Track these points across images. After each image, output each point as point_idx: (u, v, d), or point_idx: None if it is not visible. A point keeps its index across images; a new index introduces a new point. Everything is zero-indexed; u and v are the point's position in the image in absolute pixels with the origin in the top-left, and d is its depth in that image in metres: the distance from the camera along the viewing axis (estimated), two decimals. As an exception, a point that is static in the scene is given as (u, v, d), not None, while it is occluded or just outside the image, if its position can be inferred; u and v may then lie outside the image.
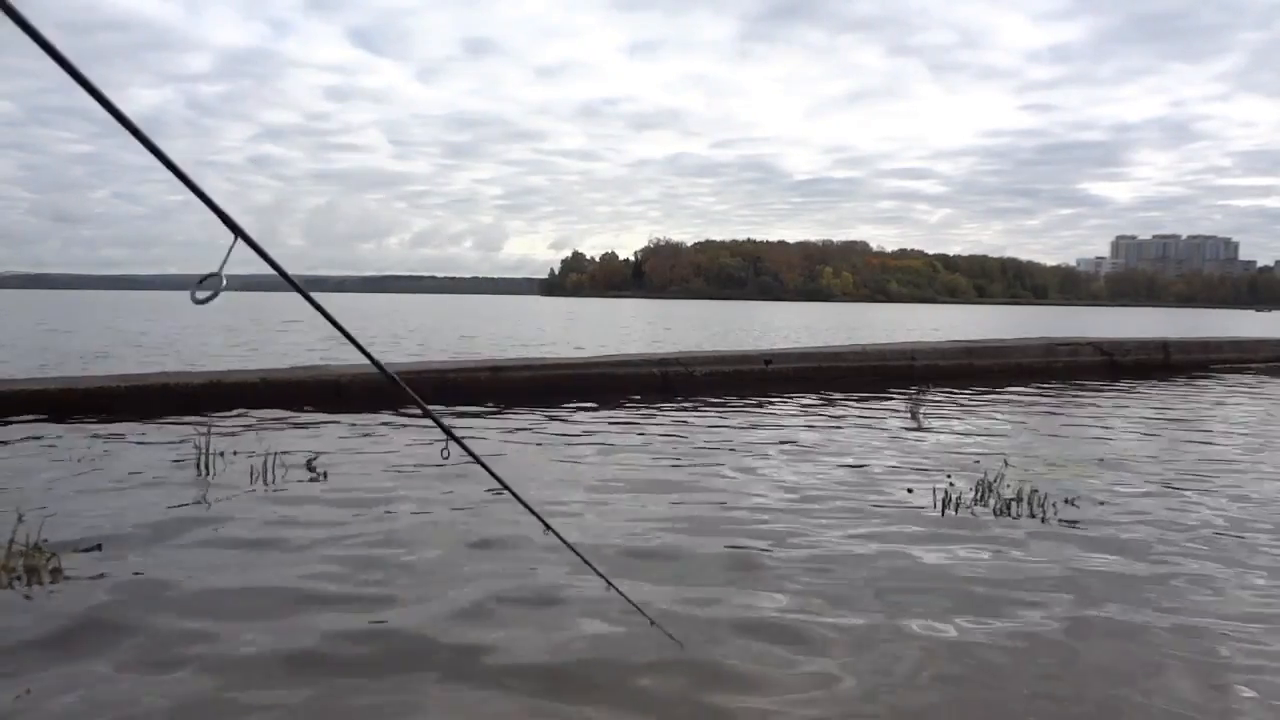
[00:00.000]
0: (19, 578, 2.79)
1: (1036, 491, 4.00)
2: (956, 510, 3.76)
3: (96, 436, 5.30)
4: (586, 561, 2.13)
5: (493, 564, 3.01)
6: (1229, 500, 4.10)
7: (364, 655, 2.30)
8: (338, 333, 1.50)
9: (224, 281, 1.25)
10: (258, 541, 3.24)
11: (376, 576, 2.87)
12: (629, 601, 2.18)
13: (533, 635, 2.42)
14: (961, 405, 7.59)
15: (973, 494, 4.01)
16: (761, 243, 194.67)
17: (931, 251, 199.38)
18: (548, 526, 1.99)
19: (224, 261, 1.26)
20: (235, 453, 4.73)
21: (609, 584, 2.12)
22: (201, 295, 1.25)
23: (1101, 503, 3.99)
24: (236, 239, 1.29)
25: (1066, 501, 3.96)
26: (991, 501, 3.91)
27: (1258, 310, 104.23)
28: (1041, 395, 8.49)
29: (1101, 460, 5.04)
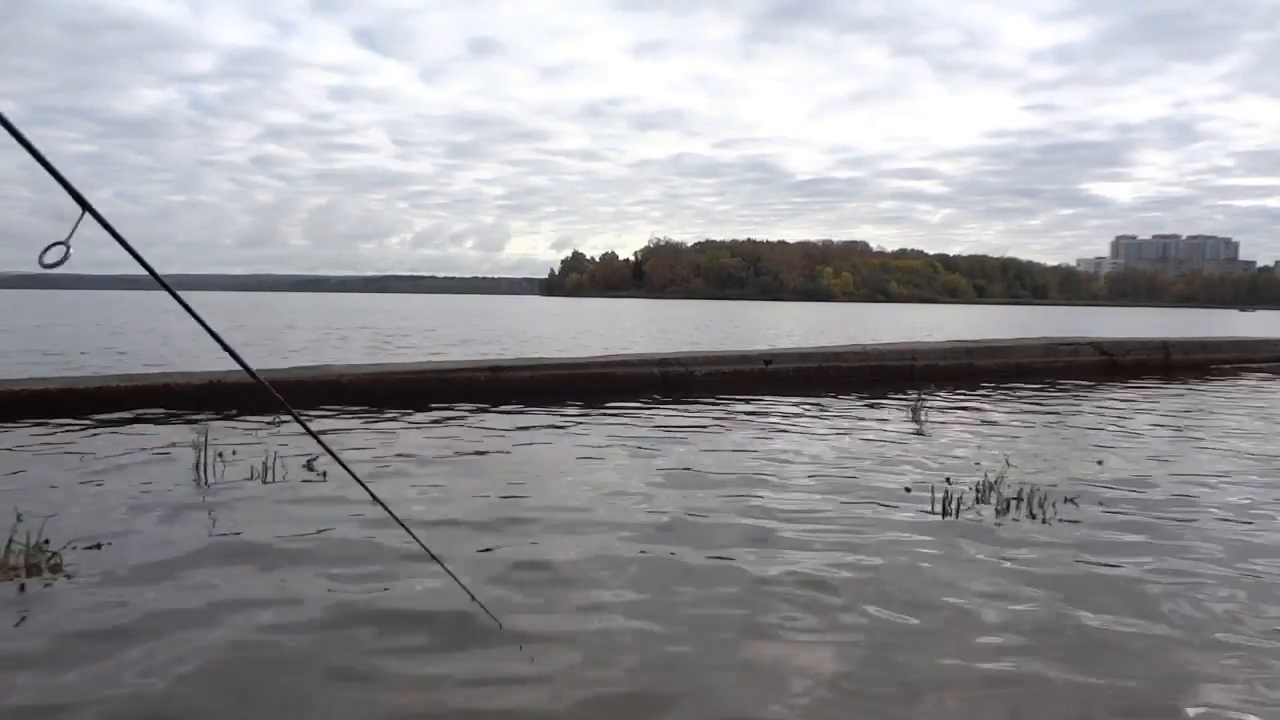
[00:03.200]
0: (20, 575, 2.79)
1: (1037, 491, 4.00)
2: (956, 510, 3.76)
3: (97, 436, 5.31)
4: (418, 540, 2.32)
5: (497, 546, 3.01)
6: (1230, 500, 4.10)
7: (359, 647, 2.30)
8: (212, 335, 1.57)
9: (69, 251, 1.37)
10: (258, 539, 3.24)
11: (376, 574, 2.88)
12: (456, 580, 2.37)
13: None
14: (962, 405, 7.58)
15: (973, 494, 4.01)
16: (761, 243, 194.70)
17: (932, 251, 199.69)
18: (390, 514, 2.23)
19: (71, 233, 1.39)
20: (235, 452, 4.73)
21: (441, 565, 2.33)
22: (49, 260, 1.38)
23: (1102, 502, 3.99)
24: (84, 213, 1.41)
25: (1067, 501, 3.96)
26: (992, 501, 3.91)
27: (1242, 310, 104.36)
28: (1042, 395, 8.49)
29: (1101, 460, 5.04)
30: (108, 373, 7.97)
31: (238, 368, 1.86)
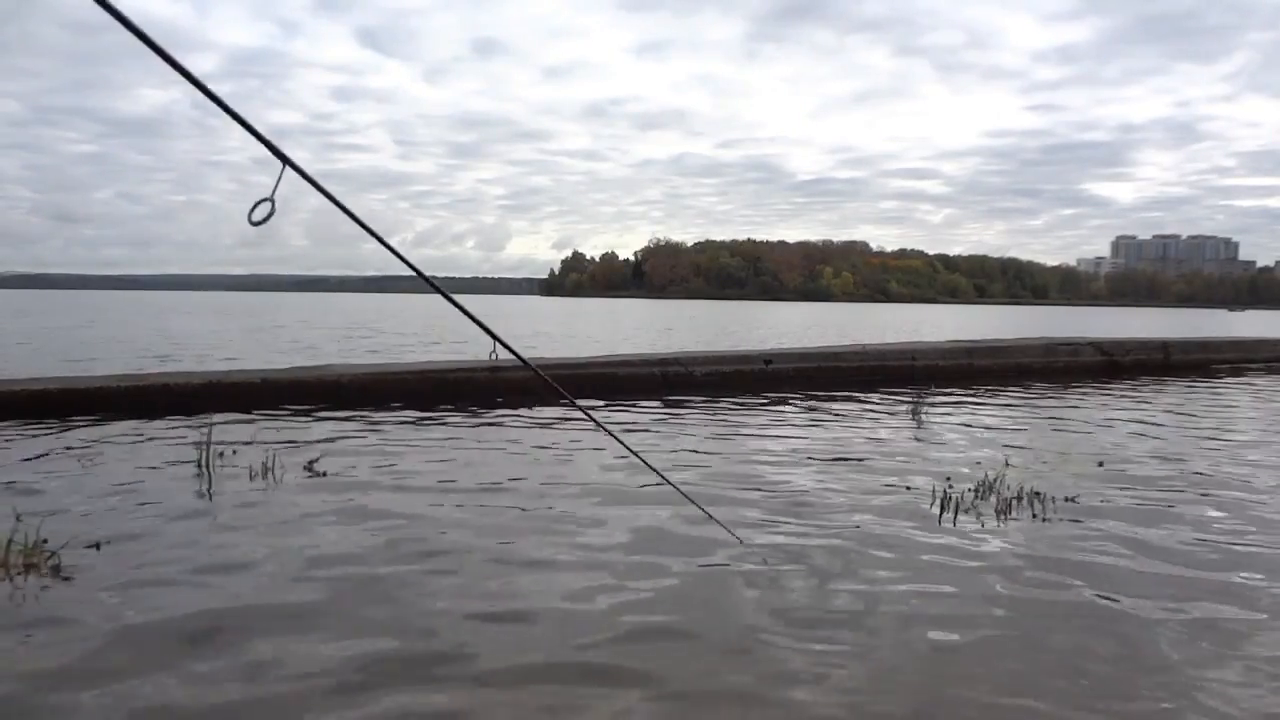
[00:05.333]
0: (19, 575, 2.79)
1: (1038, 492, 4.00)
2: (956, 509, 3.76)
3: (97, 436, 5.30)
4: (704, 508, 2.18)
5: (508, 545, 3.01)
6: (1230, 500, 4.10)
7: (370, 662, 2.30)
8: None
9: (274, 207, 1.42)
10: (259, 540, 3.23)
11: (379, 572, 2.88)
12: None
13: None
14: (962, 405, 7.58)
15: (973, 493, 4.01)
16: (761, 243, 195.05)
17: (933, 251, 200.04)
18: (665, 479, 2.57)
19: (274, 188, 1.43)
20: (235, 453, 4.73)
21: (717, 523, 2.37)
22: (257, 217, 1.45)
23: (1102, 502, 3.99)
24: (285, 167, 1.44)
25: (1067, 500, 3.96)
26: (992, 500, 3.91)
27: (1231, 310, 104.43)
28: (1042, 395, 8.49)
29: (1101, 460, 5.03)
30: (108, 373, 7.96)
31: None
